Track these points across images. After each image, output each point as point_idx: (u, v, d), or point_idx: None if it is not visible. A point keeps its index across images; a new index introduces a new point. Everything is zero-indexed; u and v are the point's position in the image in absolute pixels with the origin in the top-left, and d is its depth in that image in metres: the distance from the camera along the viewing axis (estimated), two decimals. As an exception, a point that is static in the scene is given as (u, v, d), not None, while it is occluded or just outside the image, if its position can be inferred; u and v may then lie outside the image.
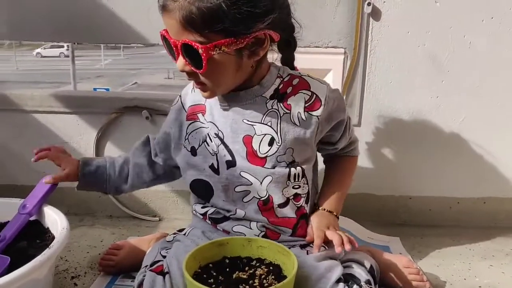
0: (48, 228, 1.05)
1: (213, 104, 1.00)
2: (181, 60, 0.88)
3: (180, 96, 1.08)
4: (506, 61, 1.36)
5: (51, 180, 1.08)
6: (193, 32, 0.83)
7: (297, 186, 0.99)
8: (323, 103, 0.97)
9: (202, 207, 1.05)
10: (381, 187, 1.48)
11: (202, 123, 1.01)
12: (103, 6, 1.37)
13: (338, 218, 1.07)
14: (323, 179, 1.12)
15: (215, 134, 0.99)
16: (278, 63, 1.03)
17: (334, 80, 1.40)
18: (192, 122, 1.03)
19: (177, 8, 0.82)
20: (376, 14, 1.33)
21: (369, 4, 1.31)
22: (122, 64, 21.27)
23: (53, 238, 0.99)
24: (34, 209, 1.05)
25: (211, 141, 0.99)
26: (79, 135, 1.49)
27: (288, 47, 1.01)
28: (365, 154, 1.45)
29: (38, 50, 21.59)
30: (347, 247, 0.92)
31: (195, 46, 0.83)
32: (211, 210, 1.03)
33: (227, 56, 0.87)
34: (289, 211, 1.00)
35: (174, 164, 1.10)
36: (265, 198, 0.98)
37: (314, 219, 1.03)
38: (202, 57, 0.84)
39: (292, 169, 0.97)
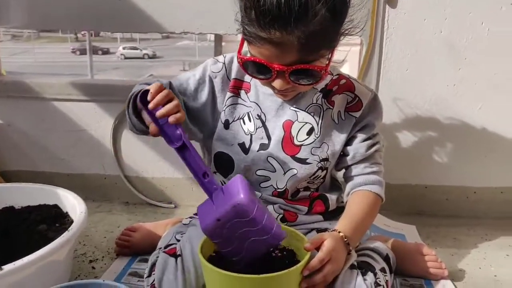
0: (67, 212, 1.08)
1: (259, 85, 0.99)
2: (281, 82, 0.85)
3: (225, 63, 1.01)
4: (525, 48, 1.33)
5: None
6: (307, 55, 0.82)
7: (311, 182, 1.01)
8: (364, 106, 0.99)
9: None
10: (396, 176, 1.47)
11: (244, 100, 1.00)
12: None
13: (350, 253, 0.88)
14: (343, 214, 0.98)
15: (258, 115, 0.99)
16: None
17: (350, 71, 1.39)
18: (233, 96, 1.00)
19: (291, 39, 0.78)
20: (392, 1, 1.32)
21: (385, -9, 1.30)
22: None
23: (72, 222, 1.01)
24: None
25: (250, 121, 0.99)
26: (96, 122, 1.51)
27: None
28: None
29: (122, 51, 21.18)
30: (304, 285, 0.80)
31: (316, 69, 0.83)
32: None
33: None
34: (302, 196, 1.01)
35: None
36: (281, 190, 0.99)
37: (330, 242, 0.83)
38: (323, 75, 0.85)
39: (319, 171, 0.98)
